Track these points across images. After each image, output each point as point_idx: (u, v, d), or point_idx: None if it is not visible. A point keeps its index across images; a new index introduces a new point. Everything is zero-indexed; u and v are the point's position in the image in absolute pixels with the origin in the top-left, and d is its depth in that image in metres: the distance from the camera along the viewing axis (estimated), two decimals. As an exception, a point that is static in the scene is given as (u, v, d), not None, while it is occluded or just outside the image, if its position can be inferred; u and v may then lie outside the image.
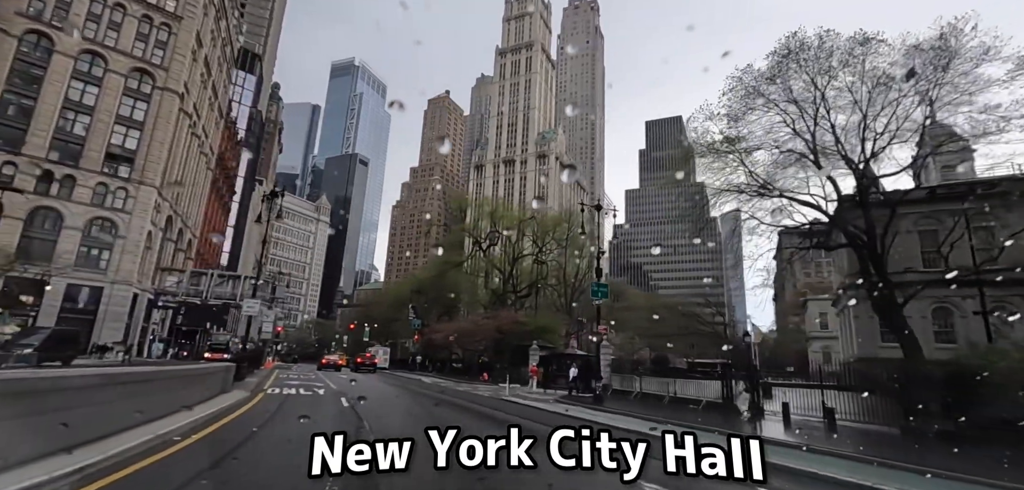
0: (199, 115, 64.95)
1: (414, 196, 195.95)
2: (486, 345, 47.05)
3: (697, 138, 28.96)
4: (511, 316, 45.94)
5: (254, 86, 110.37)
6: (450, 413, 16.40)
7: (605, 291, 22.04)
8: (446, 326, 49.62)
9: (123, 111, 52.46)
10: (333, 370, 40.79)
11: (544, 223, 62.80)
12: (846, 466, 9.34)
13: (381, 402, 18.35)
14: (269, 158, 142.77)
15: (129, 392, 9.39)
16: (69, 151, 48.86)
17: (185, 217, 65.38)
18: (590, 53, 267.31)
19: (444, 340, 47.52)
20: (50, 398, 6.72)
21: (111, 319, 49.61)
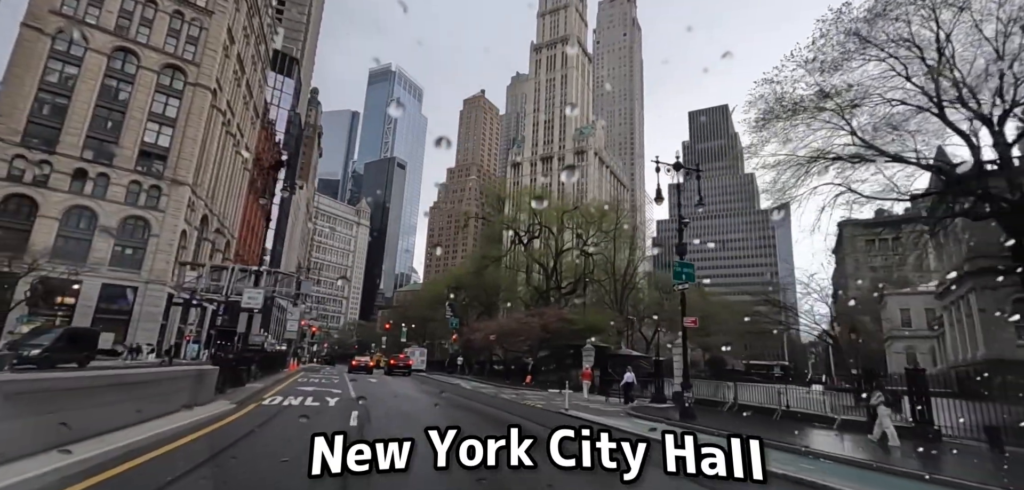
0: (233, 113, 63.65)
1: (451, 197, 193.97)
2: (530, 345, 42.28)
3: (769, 101, 23.27)
4: (557, 313, 40.99)
5: (292, 90, 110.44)
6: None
7: (691, 272, 16.81)
8: (486, 325, 45.22)
9: (156, 108, 51.23)
10: (364, 372, 37.22)
11: (589, 213, 57.47)
12: None
13: (404, 420, 13.82)
14: (309, 162, 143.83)
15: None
16: (103, 150, 47.82)
17: (222, 217, 64.22)
18: (627, 46, 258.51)
19: (484, 340, 43.10)
20: None
21: (146, 319, 48.19)
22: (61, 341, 27.10)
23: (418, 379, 36.87)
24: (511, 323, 42.00)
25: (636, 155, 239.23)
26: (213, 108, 56.99)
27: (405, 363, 40.30)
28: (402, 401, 18.83)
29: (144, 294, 48.44)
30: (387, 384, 28.45)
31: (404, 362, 40.13)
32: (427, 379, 37.55)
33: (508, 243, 65.49)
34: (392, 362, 40.49)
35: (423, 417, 13.78)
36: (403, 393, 22.41)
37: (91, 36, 47.93)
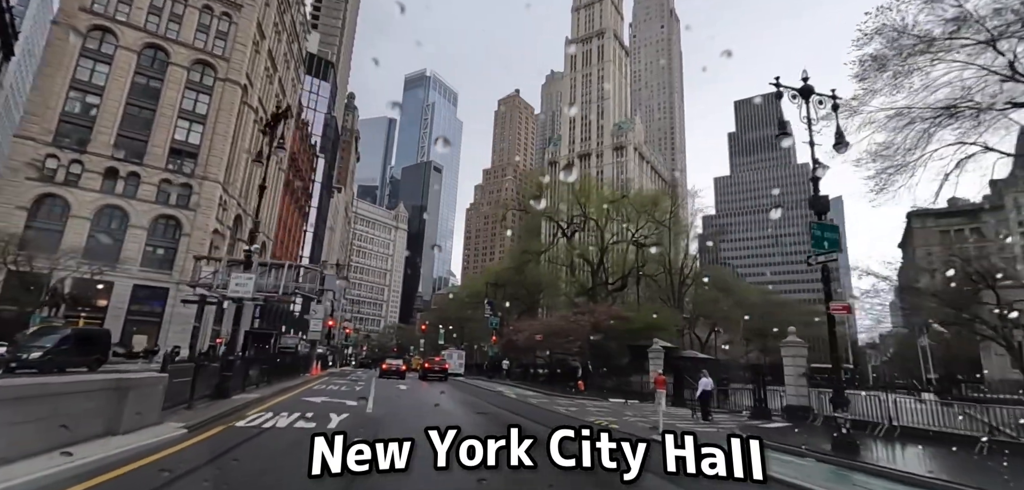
0: (266, 111, 61.85)
1: (487, 197, 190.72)
2: (580, 346, 37.15)
3: (889, 36, 17.56)
4: (610, 310, 35.69)
5: (328, 93, 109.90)
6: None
7: (834, 237, 11.42)
8: (530, 325, 40.46)
9: (185, 105, 49.63)
10: (396, 377, 33.30)
11: (640, 202, 51.81)
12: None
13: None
14: (347, 166, 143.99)
15: None
16: (133, 148, 46.43)
17: (256, 217, 62.53)
18: (665, 38, 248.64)
19: (528, 341, 38.35)
20: None
21: (178, 321, 46.28)
22: (66, 342, 24.31)
23: (455, 385, 32.48)
24: (558, 322, 37.03)
25: (677, 150, 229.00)
26: (244, 104, 55.21)
27: (441, 367, 35.96)
28: (430, 416, 14.29)
29: (175, 296, 46.60)
30: (418, 392, 24.10)
31: (440, 366, 35.83)
32: (465, 385, 33.11)
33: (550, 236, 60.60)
34: (426, 365, 36.10)
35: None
36: (435, 405, 17.91)
37: (121, 33, 46.73)
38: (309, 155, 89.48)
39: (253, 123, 58.07)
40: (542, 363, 44.28)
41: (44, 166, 42.21)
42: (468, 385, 33.71)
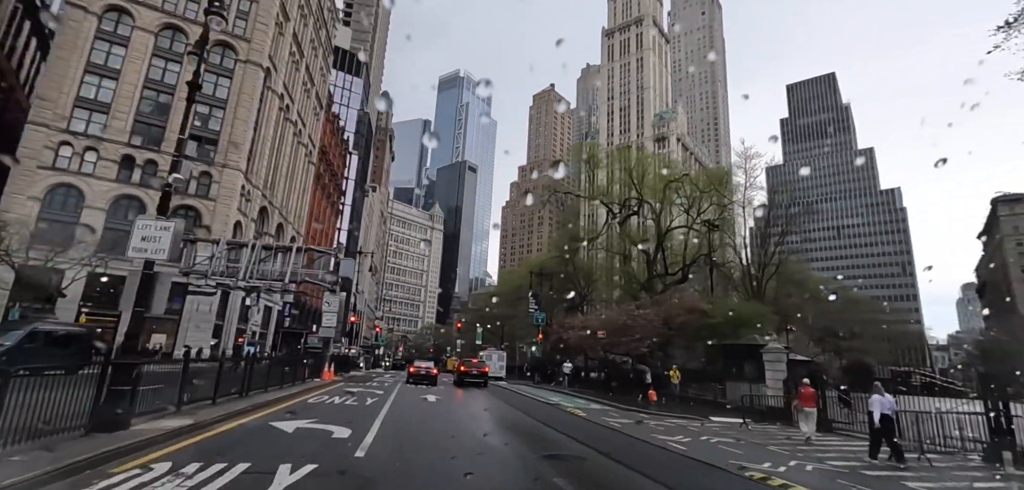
0: (292, 99, 58.26)
1: (523, 195, 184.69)
2: (649, 346, 30.28)
3: None
4: (686, 301, 28.70)
5: (361, 89, 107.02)
6: None
7: None
8: (585, 320, 33.96)
9: (205, 89, 46.03)
10: (425, 383, 27.86)
11: (706, 179, 44.36)
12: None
13: None
14: (382, 165, 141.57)
15: None
16: (150, 134, 43.15)
17: (284, 211, 58.97)
18: (706, 26, 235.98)
19: (580, 340, 31.84)
20: None
21: (198, 319, 42.65)
22: (32, 340, 19.78)
23: (498, 394, 26.44)
24: (619, 316, 30.26)
25: (721, 141, 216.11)
26: (268, 90, 51.46)
27: (479, 370, 29.83)
28: (466, 461, 8.25)
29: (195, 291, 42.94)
30: (451, 407, 18.15)
31: (478, 368, 29.70)
32: (510, 394, 26.97)
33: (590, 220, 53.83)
34: (462, 368, 29.97)
35: None
36: (472, 431, 11.84)
37: (138, 13, 43.64)
38: (341, 150, 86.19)
39: (279, 110, 54.40)
40: (598, 365, 37.62)
41: (57, 154, 39.35)
42: (514, 394, 27.56)
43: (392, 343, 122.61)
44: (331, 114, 79.34)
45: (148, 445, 7.58)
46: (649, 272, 47.19)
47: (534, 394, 27.44)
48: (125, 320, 37.12)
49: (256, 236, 52.97)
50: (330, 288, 24.86)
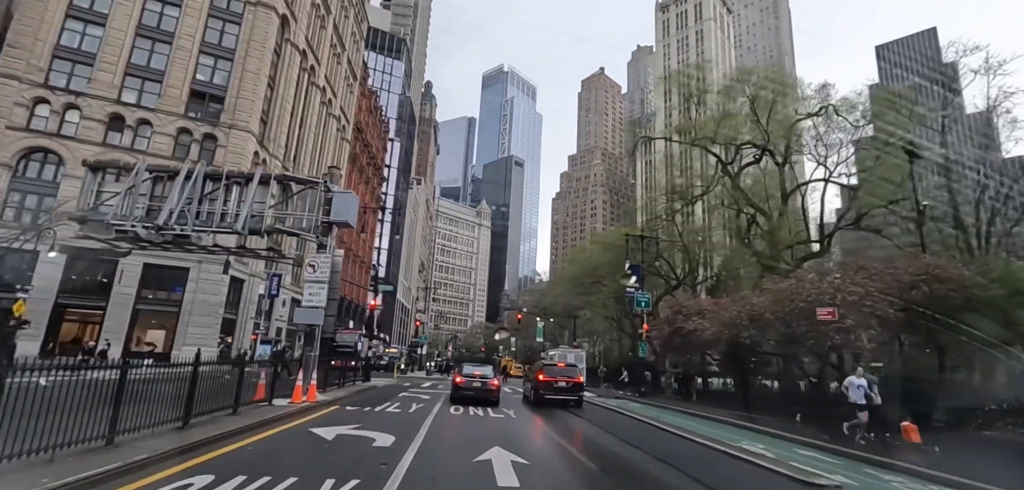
0: (318, 60, 49.73)
1: (575, 185, 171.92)
2: (815, 339, 17.87)
3: None
4: (923, 265, 16.10)
5: (402, 73, 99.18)
6: None
7: None
8: (737, 300, 21.97)
9: (210, 37, 38.03)
10: (479, 404, 17.28)
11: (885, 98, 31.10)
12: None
13: None
14: (426, 158, 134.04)
15: None
16: (144, 90, 35.37)
17: (312, 190, 50.53)
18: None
19: (720, 330, 19.81)
20: None
21: (200, 311, 34.31)
22: None
23: (615, 425, 15.03)
24: (787, 288, 17.93)
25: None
26: (287, 42, 42.98)
27: (570, 379, 18.43)
28: None
29: (198, 278, 34.70)
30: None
31: (567, 377, 18.12)
32: (634, 422, 15.26)
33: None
34: (541, 377, 18.26)
35: None
36: None
37: (129, -53, 36.02)
38: (380, 130, 77.91)
39: (301, 70, 45.86)
40: (722, 368, 25.34)
41: (33, 112, 32.09)
42: (638, 425, 15.85)
43: (439, 342, 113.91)
44: (367, 89, 71.03)
45: None
46: (772, 240, 34.48)
47: (678, 426, 15.52)
48: (116, 315, 28.78)
49: (277, 216, 44.70)
50: (316, 239, 14.60)
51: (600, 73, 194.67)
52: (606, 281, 39.39)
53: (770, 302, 17.37)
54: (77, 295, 31.91)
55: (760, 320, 17.53)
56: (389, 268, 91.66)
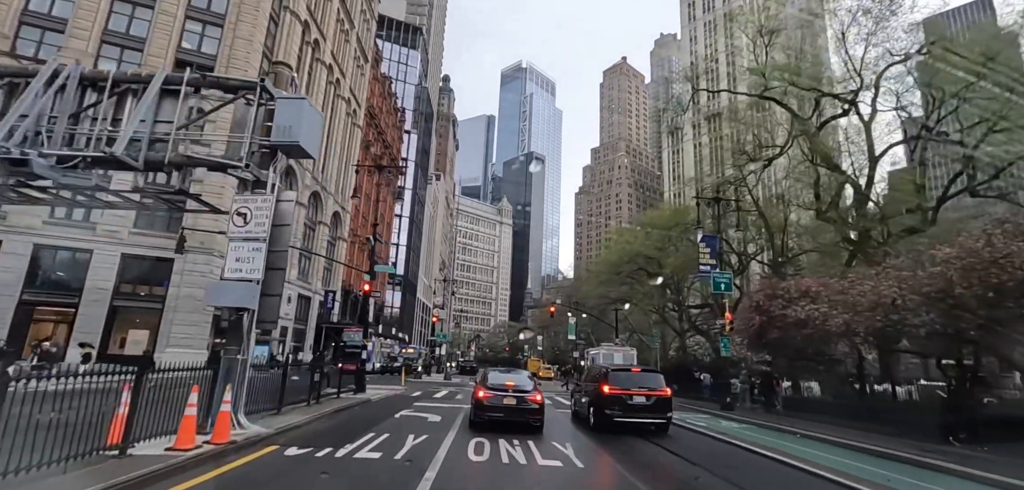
0: (323, 35, 44.89)
1: (598, 178, 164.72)
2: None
3: None
4: None
5: (418, 62, 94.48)
6: None
7: None
8: (826, 285, 15.71)
9: (197, 1, 33.47)
10: (509, 428, 11.42)
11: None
12: None
13: None
14: (445, 153, 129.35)
15: None
16: (123, 60, 30.97)
17: (320, 176, 45.79)
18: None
19: (855, 319, 13.54)
20: None
21: (186, 308, 29.60)
22: None
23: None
24: (972, 254, 11.57)
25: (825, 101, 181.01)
26: (285, 10, 38.19)
27: (654, 394, 12.40)
28: None
29: (182, 271, 30.02)
30: None
31: (646, 391, 11.80)
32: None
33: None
34: (607, 390, 12.53)
35: None
36: None
37: (105, -99, 31.70)
38: (395, 118, 73.16)
39: (301, 41, 41.02)
40: (837, 364, 18.92)
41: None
42: (804, 478, 9.71)
43: (461, 341, 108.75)
44: (379, 73, 66.28)
45: None
46: (858, 211, 27.97)
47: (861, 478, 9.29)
48: (91, 313, 24.11)
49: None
50: (250, 174, 9.07)
51: (622, 63, 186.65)
52: (652, 267, 33.19)
53: (959, 273, 11.03)
54: (45, 291, 27.59)
55: (941, 298, 11.23)
56: (408, 265, 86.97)
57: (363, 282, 20.42)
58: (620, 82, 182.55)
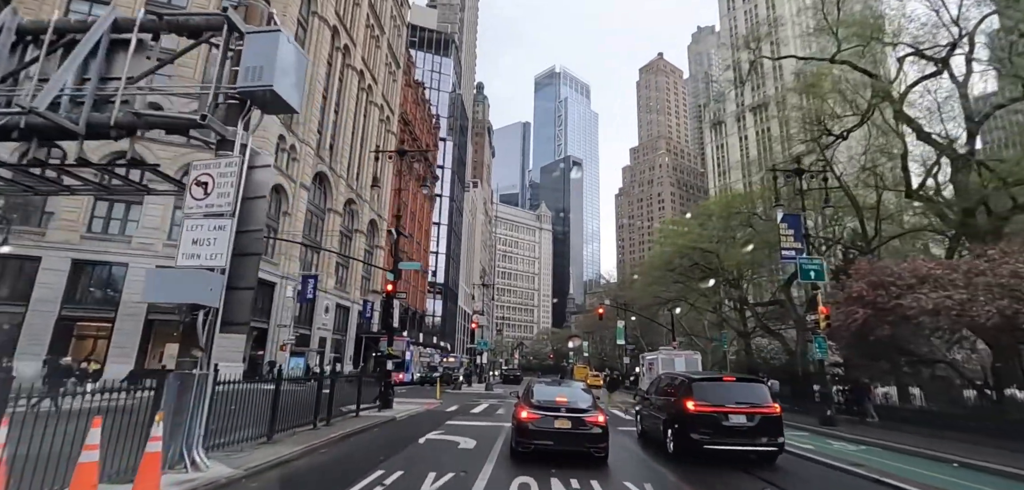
0: (353, 41, 43.94)
1: (639, 177, 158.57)
2: None
3: None
4: None
5: (451, 70, 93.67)
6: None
7: None
8: (952, 267, 11.77)
9: (227, 10, 32.75)
10: (562, 460, 8.38)
11: None
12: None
13: None
14: (482, 160, 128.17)
15: None
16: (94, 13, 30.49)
17: (355, 184, 44.68)
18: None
19: (1007, 308, 9.60)
20: None
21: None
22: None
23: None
24: None
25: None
26: (313, 15, 37.33)
27: (758, 411, 8.79)
28: None
29: (215, 282, 28.91)
30: None
31: (748, 409, 8.64)
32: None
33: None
34: (692, 406, 8.26)
35: None
36: None
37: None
38: (430, 125, 72.10)
39: (331, 46, 40.07)
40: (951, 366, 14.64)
41: None
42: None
43: (504, 348, 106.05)
44: (412, 80, 65.33)
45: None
46: (957, 191, 23.22)
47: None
48: (127, 328, 23.32)
49: (315, 211, 38.92)
50: (198, 128, 6.75)
51: (659, 59, 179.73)
52: (709, 261, 29.19)
53: None
54: (84, 306, 27.22)
55: None
56: (448, 272, 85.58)
57: (387, 282, 17.97)
58: (657, 80, 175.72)
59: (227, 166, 7.43)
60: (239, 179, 7.35)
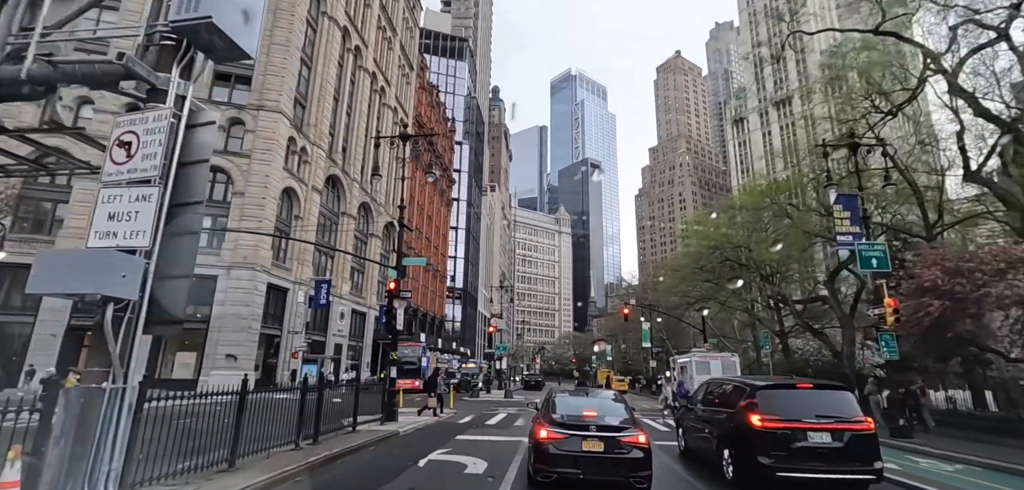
0: (364, 42, 43.04)
1: (659, 177, 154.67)
2: None
3: None
4: None
5: (466, 73, 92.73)
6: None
7: None
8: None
9: (236, 12, 32.11)
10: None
11: None
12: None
13: None
14: (499, 164, 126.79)
15: None
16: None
17: (368, 187, 43.59)
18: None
19: None
20: None
21: (231, 327, 27.63)
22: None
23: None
24: None
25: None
26: (323, 15, 36.48)
27: (845, 427, 5.35)
28: None
29: (227, 287, 28.14)
30: None
31: (831, 424, 6.51)
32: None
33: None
34: (760, 422, 6.20)
35: None
36: None
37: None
38: (444, 127, 70.96)
39: (342, 47, 39.16)
40: None
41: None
42: None
43: (524, 353, 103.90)
44: (427, 82, 64.33)
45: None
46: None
47: None
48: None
49: (328, 214, 37.87)
50: (117, 70, 5.31)
51: (676, 57, 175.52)
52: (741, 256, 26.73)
53: None
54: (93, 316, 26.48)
55: None
56: (466, 277, 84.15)
57: (390, 280, 16.25)
58: (676, 79, 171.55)
59: (156, 121, 5.78)
60: (171, 137, 5.72)
